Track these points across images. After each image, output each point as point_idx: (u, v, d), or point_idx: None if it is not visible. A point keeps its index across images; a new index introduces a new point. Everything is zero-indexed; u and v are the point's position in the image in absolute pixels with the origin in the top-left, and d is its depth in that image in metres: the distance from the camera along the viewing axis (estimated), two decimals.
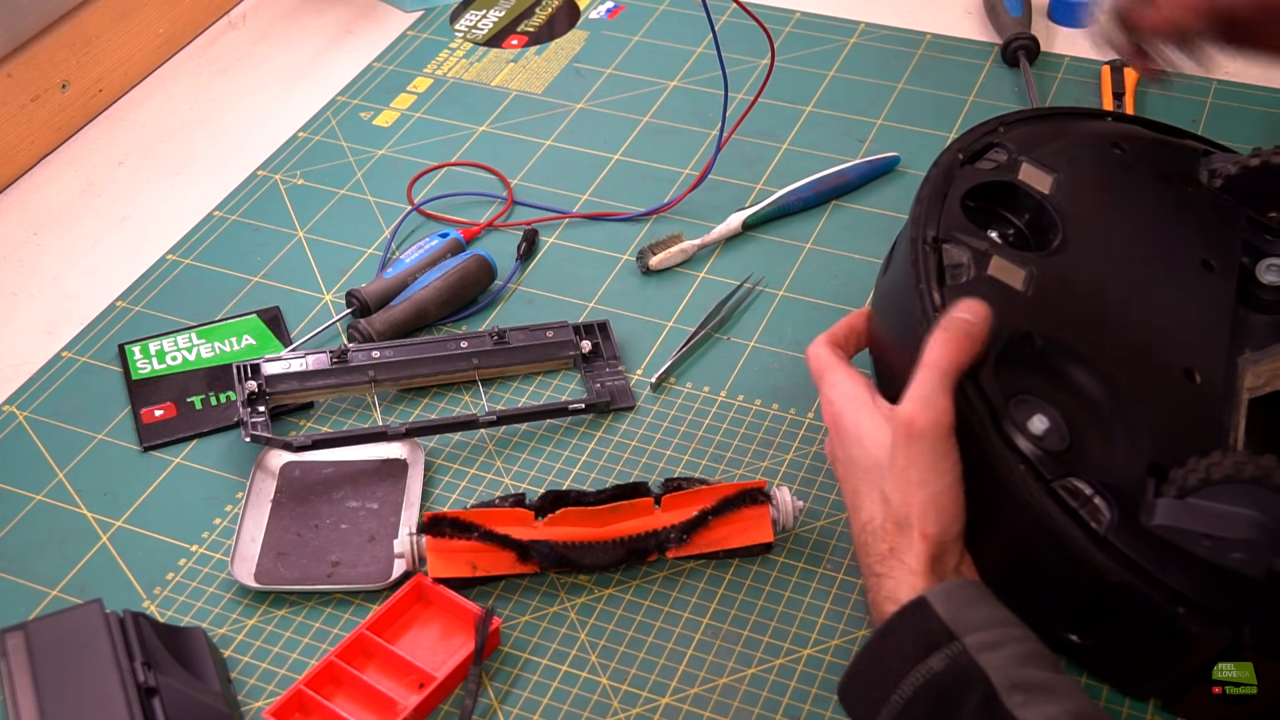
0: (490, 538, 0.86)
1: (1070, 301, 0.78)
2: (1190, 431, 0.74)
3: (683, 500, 0.89)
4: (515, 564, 0.87)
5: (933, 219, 0.80)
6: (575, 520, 0.88)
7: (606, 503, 0.89)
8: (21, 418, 1.02)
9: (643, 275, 1.10)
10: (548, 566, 0.87)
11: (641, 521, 0.88)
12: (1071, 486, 0.70)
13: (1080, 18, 1.33)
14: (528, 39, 1.36)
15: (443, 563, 0.86)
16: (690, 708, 0.82)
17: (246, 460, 0.97)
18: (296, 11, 1.42)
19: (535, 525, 0.88)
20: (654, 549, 0.88)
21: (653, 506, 0.89)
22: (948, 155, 0.85)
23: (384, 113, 1.28)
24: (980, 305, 0.73)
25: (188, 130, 1.28)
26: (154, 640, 0.81)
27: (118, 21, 1.30)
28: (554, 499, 0.89)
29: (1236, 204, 0.88)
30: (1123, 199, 0.88)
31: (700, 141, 1.22)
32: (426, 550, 0.86)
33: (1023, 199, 0.84)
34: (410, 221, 1.16)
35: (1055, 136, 0.90)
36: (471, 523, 0.87)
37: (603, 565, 0.88)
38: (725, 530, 0.88)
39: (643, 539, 0.87)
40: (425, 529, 0.87)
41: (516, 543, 0.86)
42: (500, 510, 0.88)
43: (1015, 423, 0.71)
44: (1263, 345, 0.81)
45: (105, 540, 0.93)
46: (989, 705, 0.66)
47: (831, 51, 1.31)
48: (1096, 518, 0.69)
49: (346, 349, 1.00)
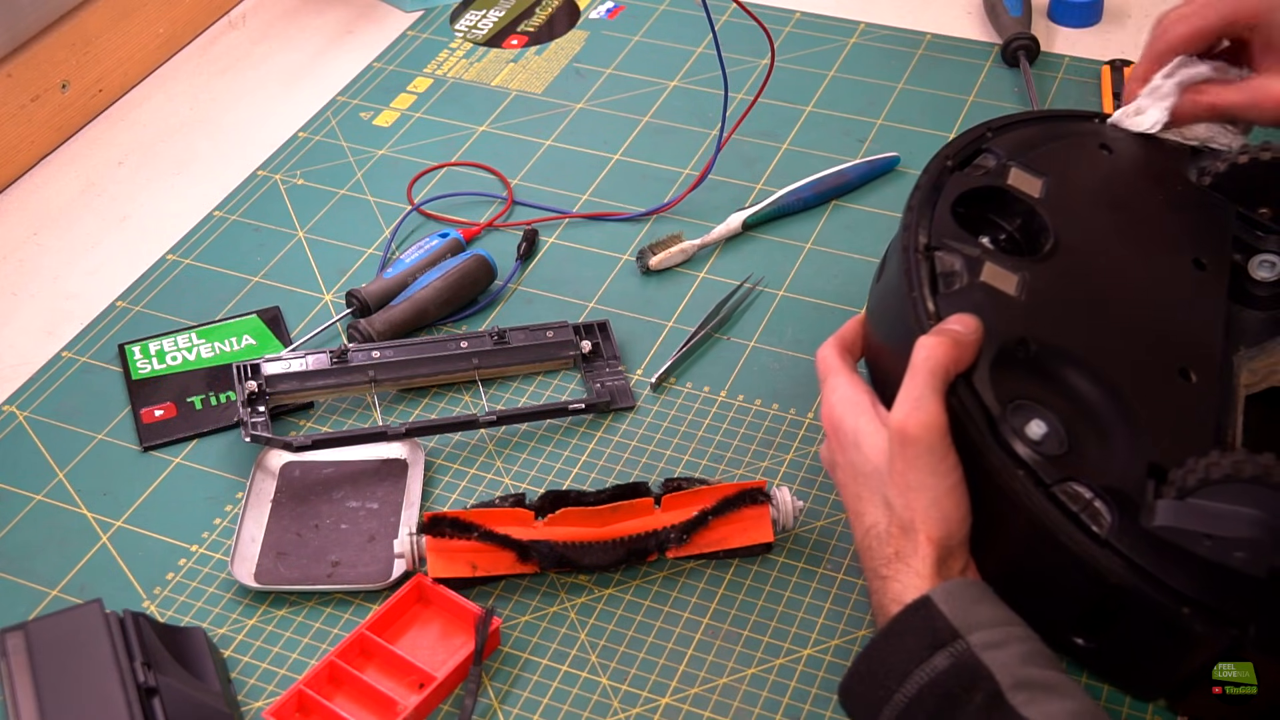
0: (490, 538, 0.86)
1: (1063, 305, 0.78)
2: (1188, 431, 0.73)
3: (683, 500, 0.89)
4: (515, 564, 0.87)
5: (924, 226, 0.80)
6: (575, 520, 0.88)
7: (606, 503, 0.89)
8: (21, 418, 1.02)
9: (643, 275, 1.10)
10: (548, 566, 0.87)
11: (641, 522, 0.88)
12: (1071, 490, 0.70)
13: (1080, 18, 1.33)
14: (528, 39, 1.36)
15: (443, 563, 0.86)
16: (690, 708, 0.82)
17: (246, 460, 0.97)
18: (296, 11, 1.42)
19: (535, 525, 0.88)
20: (654, 549, 0.88)
21: (653, 507, 0.89)
22: (937, 162, 0.85)
23: (384, 113, 1.28)
24: (971, 318, 0.74)
25: (188, 130, 1.28)
26: (154, 640, 0.81)
27: (118, 21, 1.30)
28: (554, 499, 0.89)
29: (1226, 201, 0.87)
30: (1112, 200, 0.88)
31: (700, 141, 1.22)
32: (426, 550, 0.86)
33: (1013, 204, 0.84)
34: (410, 221, 1.16)
35: (1044, 139, 0.90)
36: (471, 523, 0.87)
37: (603, 565, 0.88)
38: (725, 530, 0.88)
39: (643, 539, 0.87)
40: (425, 529, 0.87)
41: (516, 543, 0.86)
42: (500, 510, 0.88)
43: (1013, 428, 0.71)
44: (1257, 341, 0.81)
45: (105, 540, 0.93)
46: (993, 703, 0.66)
47: (831, 51, 1.31)
48: (1098, 521, 0.69)
49: (346, 349, 1.00)
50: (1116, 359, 0.76)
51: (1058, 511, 0.70)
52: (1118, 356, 0.76)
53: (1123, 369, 0.75)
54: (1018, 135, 0.90)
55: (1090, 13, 1.33)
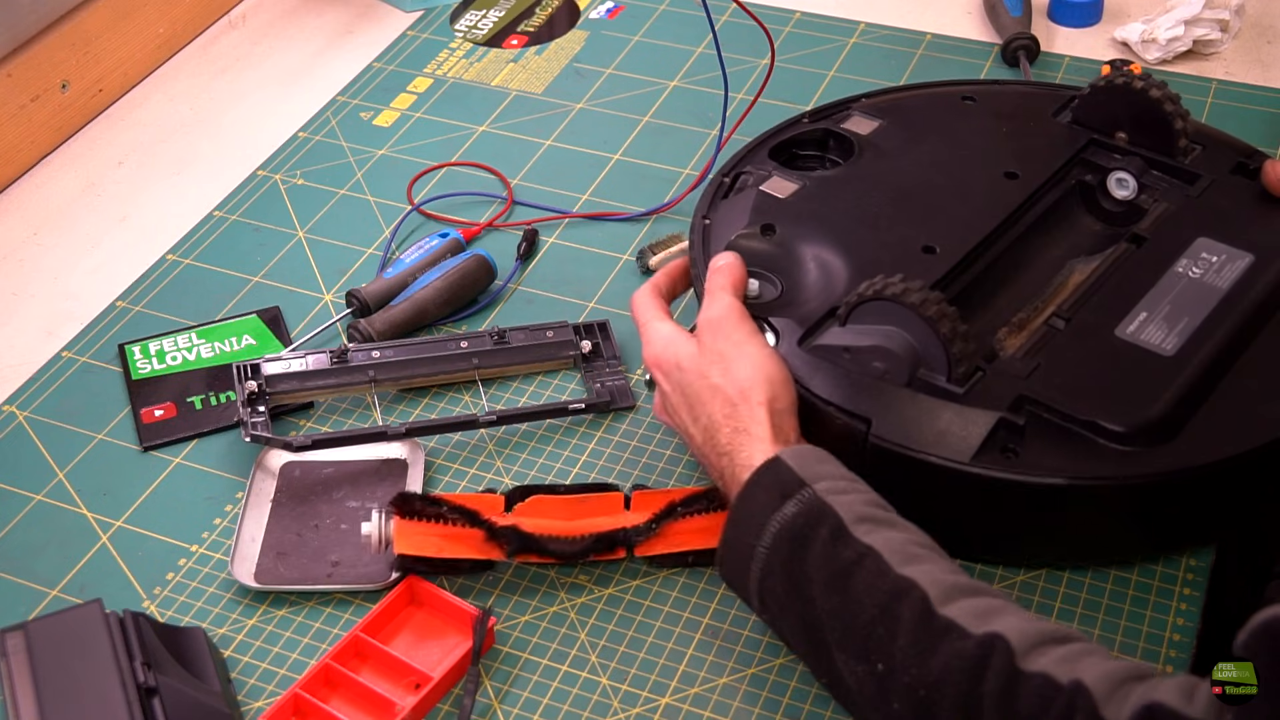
0: (458, 511, 0.86)
1: (825, 202, 0.97)
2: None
3: (652, 499, 0.89)
4: (482, 546, 0.86)
5: (743, 162, 1.02)
6: (545, 510, 0.88)
7: (577, 494, 0.89)
8: (21, 418, 1.02)
9: (643, 275, 1.10)
10: (514, 551, 0.86)
11: (610, 518, 0.88)
12: (761, 324, 0.88)
13: (1080, 18, 1.33)
14: (528, 39, 1.36)
15: (408, 542, 0.86)
16: (690, 708, 0.82)
17: (246, 460, 0.97)
18: (296, 11, 1.42)
19: (504, 514, 0.88)
20: (622, 541, 0.88)
21: (622, 506, 0.90)
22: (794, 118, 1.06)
23: (384, 113, 1.28)
24: (730, 254, 0.91)
25: (188, 130, 1.28)
26: (154, 640, 0.81)
27: (118, 21, 1.30)
28: (524, 491, 0.89)
29: (1082, 131, 1.02)
30: (944, 133, 1.03)
31: (700, 141, 1.22)
32: (394, 532, 0.86)
33: (838, 141, 1.03)
34: (410, 221, 1.16)
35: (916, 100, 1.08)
36: (440, 499, 0.87)
37: (570, 553, 0.87)
38: (694, 530, 0.88)
39: (611, 532, 0.87)
40: (394, 504, 0.87)
41: (484, 521, 0.86)
42: (470, 495, 0.89)
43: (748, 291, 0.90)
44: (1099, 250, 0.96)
45: (105, 540, 0.93)
46: (837, 534, 0.74)
47: (831, 51, 1.31)
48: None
49: (346, 349, 1.00)
50: (861, 241, 0.93)
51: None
52: (864, 239, 0.94)
53: (865, 246, 0.93)
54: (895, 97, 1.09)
55: (1090, 13, 1.33)
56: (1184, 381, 0.83)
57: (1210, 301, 0.88)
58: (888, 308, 0.84)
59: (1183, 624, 0.85)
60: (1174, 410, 0.82)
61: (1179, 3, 1.28)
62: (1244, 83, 1.25)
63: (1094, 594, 0.86)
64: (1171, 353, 0.85)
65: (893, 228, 0.95)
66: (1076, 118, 1.03)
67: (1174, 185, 0.98)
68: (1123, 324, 0.87)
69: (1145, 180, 0.98)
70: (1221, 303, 0.88)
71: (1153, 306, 0.88)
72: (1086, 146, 1.01)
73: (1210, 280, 0.89)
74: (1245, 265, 0.90)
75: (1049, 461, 0.81)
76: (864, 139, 1.03)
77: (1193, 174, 0.98)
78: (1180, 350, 0.85)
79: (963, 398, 0.83)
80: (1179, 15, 1.26)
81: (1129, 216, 0.98)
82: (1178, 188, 0.98)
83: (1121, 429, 0.81)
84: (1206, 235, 0.93)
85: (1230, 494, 0.84)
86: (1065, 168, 0.99)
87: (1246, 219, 0.95)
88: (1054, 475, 0.80)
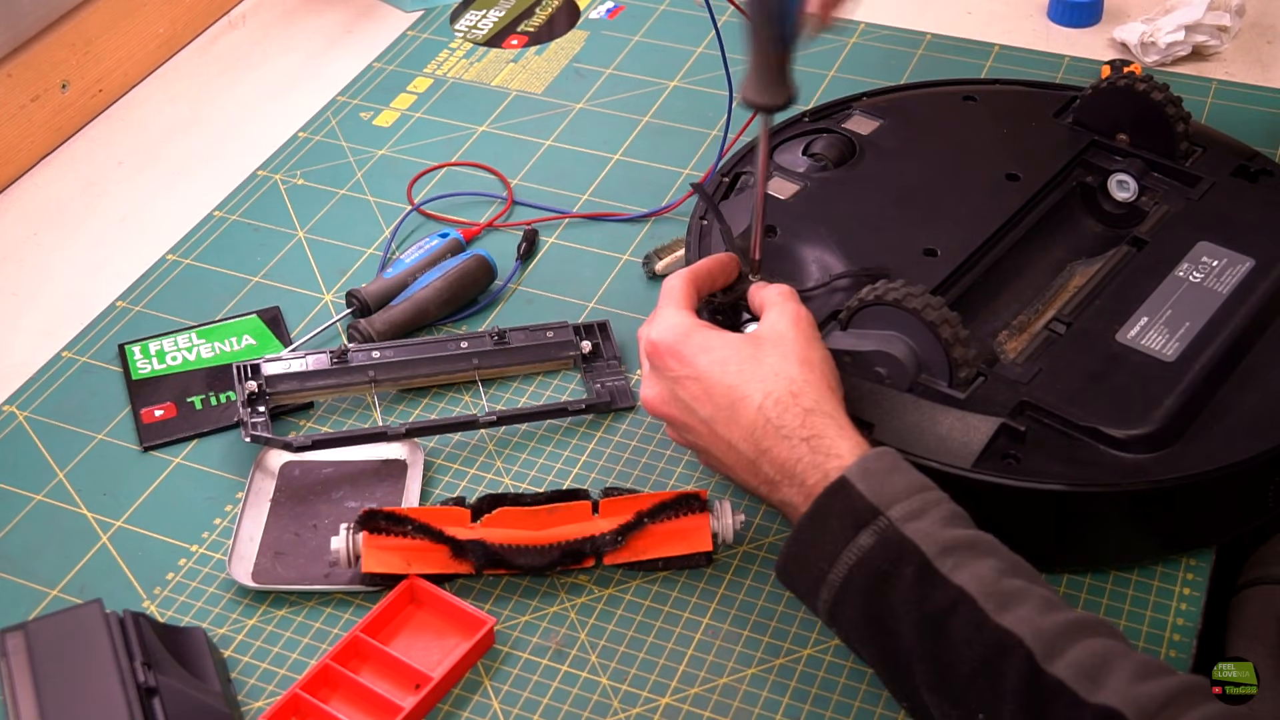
0: (423, 530, 0.86)
1: (826, 203, 0.98)
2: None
3: (620, 506, 0.89)
4: (449, 562, 0.87)
5: (743, 162, 1.04)
6: (512, 521, 0.88)
7: (544, 504, 0.89)
8: (21, 418, 1.02)
9: (648, 279, 1.09)
10: (481, 566, 0.87)
11: (578, 526, 0.88)
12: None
13: (1080, 18, 1.33)
14: (528, 39, 1.36)
15: (375, 559, 0.86)
16: (690, 708, 0.82)
17: (246, 460, 0.97)
18: (296, 11, 1.42)
19: (471, 526, 0.88)
20: (590, 552, 0.87)
21: (590, 513, 0.89)
22: (795, 118, 1.07)
23: (384, 113, 1.28)
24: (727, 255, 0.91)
25: (188, 130, 1.28)
26: (154, 640, 0.81)
27: (118, 21, 1.30)
28: (491, 500, 0.89)
29: (1084, 131, 1.02)
30: (945, 133, 1.05)
31: (700, 141, 1.22)
32: (362, 547, 0.86)
33: (838, 142, 1.04)
34: (410, 221, 1.16)
35: (917, 99, 1.09)
36: (406, 516, 0.87)
37: (537, 567, 0.87)
38: (664, 538, 0.88)
39: (578, 542, 0.87)
40: (361, 522, 0.86)
41: (450, 539, 0.86)
42: (436, 509, 0.88)
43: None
44: (1100, 252, 0.96)
45: (105, 540, 0.93)
46: (924, 574, 0.71)
47: (831, 51, 1.31)
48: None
49: (346, 349, 1.00)
50: (862, 242, 0.94)
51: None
52: (864, 240, 0.94)
53: (866, 248, 0.93)
54: (892, 97, 1.10)
55: (1090, 13, 1.33)
56: (1185, 388, 0.83)
57: (1211, 306, 0.88)
58: (889, 312, 0.84)
59: (1183, 624, 0.85)
60: (1175, 417, 0.82)
61: (1179, 4, 1.28)
62: (1244, 83, 1.25)
63: (1094, 594, 0.86)
64: (1172, 359, 0.85)
65: (893, 229, 0.96)
66: (1077, 119, 1.03)
67: (1175, 188, 0.98)
68: (1123, 329, 0.87)
69: (1146, 182, 0.98)
70: (1222, 308, 0.88)
71: (1153, 311, 0.88)
72: (1087, 148, 1.01)
73: (1211, 285, 0.90)
74: (1246, 270, 0.90)
75: (1050, 468, 0.81)
76: (864, 139, 1.04)
77: (1194, 177, 0.98)
78: (1181, 356, 0.85)
79: (964, 403, 0.83)
80: (1179, 19, 1.26)
81: (1129, 218, 0.98)
82: (1179, 190, 0.98)
83: (1122, 436, 0.81)
84: (1207, 239, 0.93)
85: (1231, 500, 0.84)
86: (1066, 169, 1.00)
87: (1247, 223, 0.95)
88: (1055, 482, 0.80)
